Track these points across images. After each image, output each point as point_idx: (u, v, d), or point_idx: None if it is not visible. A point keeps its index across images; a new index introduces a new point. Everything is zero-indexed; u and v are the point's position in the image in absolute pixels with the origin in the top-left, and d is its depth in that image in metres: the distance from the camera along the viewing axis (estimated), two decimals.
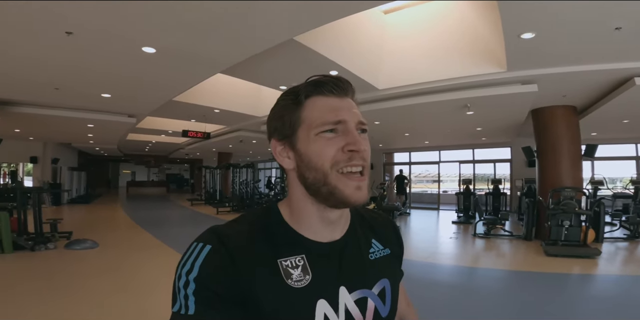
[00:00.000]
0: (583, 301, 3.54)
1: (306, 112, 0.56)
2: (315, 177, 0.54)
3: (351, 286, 0.58)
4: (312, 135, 0.55)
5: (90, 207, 13.60)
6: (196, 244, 0.54)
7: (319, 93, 0.56)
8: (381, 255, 0.66)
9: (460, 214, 10.12)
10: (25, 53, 4.14)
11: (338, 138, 0.54)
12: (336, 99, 0.56)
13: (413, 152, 14.47)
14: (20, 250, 5.23)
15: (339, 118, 0.54)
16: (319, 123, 0.54)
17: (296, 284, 0.54)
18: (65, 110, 7.41)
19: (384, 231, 0.71)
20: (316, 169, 0.54)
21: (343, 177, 0.53)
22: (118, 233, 7.53)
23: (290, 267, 0.55)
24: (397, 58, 5.99)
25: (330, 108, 0.55)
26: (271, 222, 0.59)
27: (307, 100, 0.56)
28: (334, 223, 0.60)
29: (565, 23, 3.51)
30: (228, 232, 0.55)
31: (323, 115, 0.55)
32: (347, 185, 0.53)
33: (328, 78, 0.57)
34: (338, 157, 0.53)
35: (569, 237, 5.75)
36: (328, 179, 0.53)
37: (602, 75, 4.94)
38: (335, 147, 0.54)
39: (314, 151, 0.54)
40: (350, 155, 0.53)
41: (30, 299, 3.39)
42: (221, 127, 11.50)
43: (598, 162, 10.27)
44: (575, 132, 6.74)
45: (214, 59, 4.49)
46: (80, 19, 3.26)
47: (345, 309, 0.56)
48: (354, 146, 0.53)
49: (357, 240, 0.64)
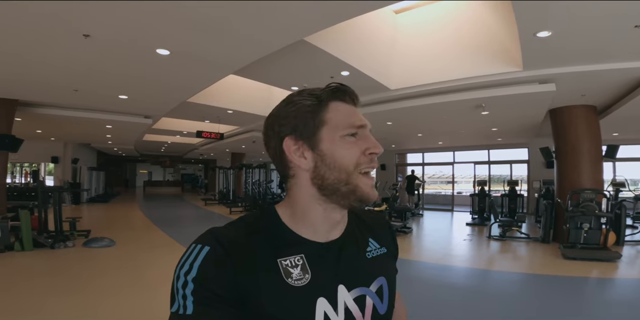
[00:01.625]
0: (603, 306, 3.42)
1: (330, 114, 0.58)
2: (338, 177, 0.57)
3: (350, 284, 0.59)
4: (337, 137, 0.57)
5: (108, 206, 13.95)
6: (194, 245, 0.55)
7: (339, 99, 0.60)
8: (378, 254, 0.68)
9: (475, 216, 9.94)
10: (44, 56, 4.29)
11: (360, 141, 0.58)
12: (353, 107, 0.61)
13: (426, 153, 14.31)
14: (40, 247, 5.40)
15: (362, 123, 0.59)
16: (345, 125, 0.58)
17: (296, 282, 0.55)
18: (84, 112, 7.64)
19: (380, 230, 0.73)
20: (340, 170, 0.57)
21: (362, 177, 0.57)
22: (134, 231, 7.70)
23: (289, 266, 0.56)
24: (409, 58, 5.93)
25: (352, 113, 0.60)
26: (269, 223, 0.60)
27: (330, 104, 0.59)
28: (337, 222, 0.62)
29: (582, 21, 3.41)
30: (226, 233, 0.56)
31: (348, 119, 0.58)
32: (366, 184, 0.58)
33: (344, 87, 0.61)
34: (361, 159, 0.57)
35: (588, 240, 5.58)
36: (351, 179, 0.57)
37: (622, 74, 4.78)
38: (359, 150, 0.58)
39: (339, 153, 0.57)
40: (371, 157, 0.58)
41: (48, 294, 3.51)
42: (234, 127, 11.64)
43: (620, 163, 9.93)
44: (595, 133, 6.54)
45: (226, 60, 4.55)
46: (96, 21, 3.36)
47: (345, 307, 0.57)
48: (376, 149, 0.58)
49: (355, 239, 0.65)
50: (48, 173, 14.71)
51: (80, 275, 4.19)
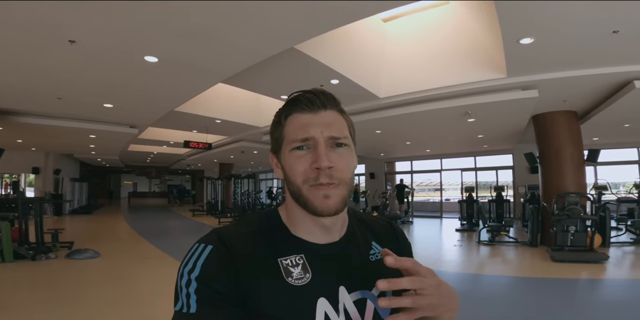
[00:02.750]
0: (593, 307, 3.47)
1: (286, 130, 0.59)
2: (292, 189, 0.58)
3: (350, 286, 0.59)
4: (287, 152, 0.58)
5: (92, 217, 13.55)
6: (198, 244, 0.55)
7: (295, 111, 0.59)
8: (381, 257, 0.66)
9: (464, 222, 10.04)
10: (27, 62, 4.19)
11: (308, 155, 0.56)
12: (309, 115, 0.58)
13: (415, 161, 14.47)
14: (21, 259, 5.19)
15: (306, 135, 0.56)
16: (290, 140, 0.57)
17: (297, 282, 0.55)
18: (68, 121, 7.47)
19: (383, 234, 0.72)
20: (291, 183, 0.57)
21: (313, 189, 0.55)
22: (119, 243, 7.47)
23: (290, 265, 0.56)
24: (397, 66, 6.04)
25: (300, 125, 0.57)
26: (271, 225, 0.61)
27: (286, 119, 0.59)
28: (329, 228, 0.61)
29: (563, 27, 3.55)
30: (229, 233, 0.58)
31: (294, 133, 0.57)
32: (316, 196, 0.55)
33: (304, 94, 0.59)
34: (308, 174, 0.55)
35: (575, 243, 5.68)
36: (302, 192, 0.56)
37: (602, 79, 4.97)
38: (304, 165, 0.56)
39: (288, 167, 0.58)
40: (317, 172, 0.55)
41: (30, 307, 3.34)
42: (222, 137, 11.55)
43: (601, 167, 10.24)
44: (577, 137, 6.74)
45: (215, 68, 4.54)
46: (83, 26, 3.30)
47: (344, 309, 0.57)
48: (316, 163, 0.54)
49: (357, 242, 0.65)
50: (29, 184, 14.25)
51: (65, 288, 4.02)
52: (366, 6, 3.10)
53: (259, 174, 22.56)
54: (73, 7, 2.93)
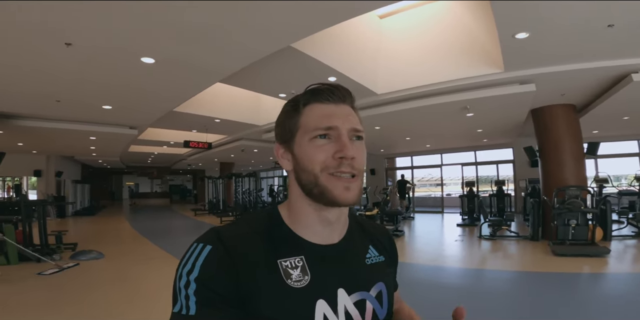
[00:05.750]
0: (595, 300, 3.48)
1: (303, 118, 0.58)
2: (308, 178, 0.57)
3: (350, 288, 0.59)
4: (306, 140, 0.57)
5: (95, 219, 13.60)
6: (197, 244, 0.55)
7: (316, 100, 0.59)
8: (376, 261, 0.68)
9: (465, 217, 10.06)
10: (25, 65, 4.19)
11: (329, 145, 0.56)
12: (332, 106, 0.59)
13: (415, 156, 14.46)
14: (26, 261, 5.23)
15: (330, 124, 0.56)
16: (312, 128, 0.57)
17: (296, 284, 0.55)
18: (67, 123, 7.49)
19: (380, 240, 0.73)
20: (307, 172, 0.56)
21: (332, 178, 0.55)
22: (123, 244, 7.51)
23: (289, 267, 0.56)
24: (394, 62, 6.03)
25: (323, 114, 0.57)
26: (271, 223, 0.60)
27: (305, 108, 0.59)
28: (332, 224, 0.61)
29: (557, 21, 3.54)
30: (228, 233, 0.57)
31: (316, 121, 0.57)
32: (336, 186, 0.55)
33: (326, 86, 0.60)
34: (328, 163, 0.55)
35: (577, 236, 5.69)
36: (319, 181, 0.55)
37: (599, 73, 4.96)
38: (325, 154, 0.56)
39: (307, 155, 0.57)
40: (340, 161, 0.55)
41: (35, 309, 3.38)
42: (222, 136, 11.56)
43: (601, 159, 10.22)
44: (576, 131, 6.73)
45: (212, 68, 4.54)
46: (78, 29, 3.30)
47: (345, 310, 0.57)
48: (342, 153, 0.55)
49: (355, 244, 0.66)
50: (31, 187, 14.31)
51: (67, 289, 4.06)
52: (363, 3, 3.09)
53: (260, 172, 22.59)
54: (69, 8, 2.92)
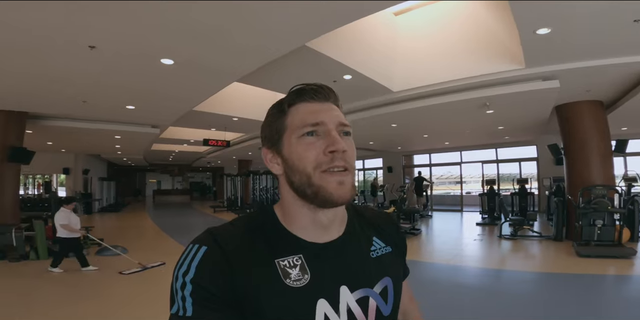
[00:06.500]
0: (621, 304, 3.36)
1: (290, 118, 0.58)
2: (300, 179, 0.56)
3: (352, 285, 0.58)
4: (294, 139, 0.56)
5: (120, 215, 14.12)
6: (192, 245, 0.54)
7: (301, 100, 0.59)
8: (383, 253, 0.66)
9: (485, 215, 9.84)
10: (52, 68, 4.38)
11: (319, 142, 0.55)
12: (317, 104, 0.58)
13: (433, 154, 14.23)
14: None
15: (318, 120, 0.56)
16: (299, 125, 0.56)
17: (295, 283, 0.54)
18: (93, 123, 7.78)
19: (385, 229, 0.71)
20: (300, 172, 0.55)
21: (325, 175, 0.54)
22: (146, 240, 7.79)
23: (288, 266, 0.55)
24: (410, 59, 5.95)
25: (310, 111, 0.57)
26: (266, 223, 0.60)
27: (290, 108, 0.59)
28: (327, 226, 0.60)
29: (581, 17, 3.41)
30: (224, 233, 0.56)
31: (303, 119, 0.57)
32: (330, 182, 0.54)
33: (309, 86, 0.60)
34: (320, 159, 0.54)
35: (602, 237, 5.49)
36: (312, 180, 0.54)
37: (626, 68, 4.74)
38: (316, 151, 0.55)
39: (296, 155, 0.56)
40: (332, 156, 0.54)
41: (62, 300, 3.57)
42: (240, 135, 11.73)
43: (631, 157, 9.76)
44: (603, 128, 6.46)
45: (230, 68, 4.62)
46: (101, 32, 3.42)
47: (348, 308, 0.56)
48: (333, 146, 0.54)
49: (357, 239, 0.64)
50: (60, 184, 14.97)
51: (93, 282, 4.26)
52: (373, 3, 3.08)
53: None
54: (92, 11, 3.03)
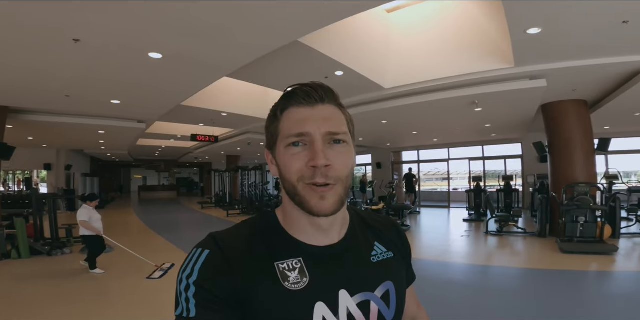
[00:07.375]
0: (602, 299, 3.47)
1: (282, 125, 0.57)
2: (288, 187, 0.56)
3: (352, 289, 0.58)
4: (282, 148, 0.56)
5: (104, 211, 13.80)
6: (196, 249, 0.56)
7: (291, 105, 0.57)
8: (384, 258, 0.66)
9: (472, 212, 10.02)
10: (34, 61, 4.22)
11: (304, 153, 0.54)
12: (308, 109, 0.56)
13: (422, 150, 14.38)
14: (37, 255, 5.34)
15: (302, 130, 0.54)
16: (285, 135, 0.56)
17: (293, 286, 0.55)
18: (77, 117, 7.56)
19: (386, 234, 0.70)
20: (287, 181, 0.56)
21: (307, 188, 0.54)
22: (132, 237, 7.63)
23: (287, 269, 0.56)
24: (402, 57, 5.96)
25: (297, 120, 0.55)
26: (268, 226, 0.61)
27: (282, 114, 0.58)
28: (326, 229, 0.60)
29: (571, 18, 3.46)
30: (226, 237, 0.58)
31: (289, 128, 0.55)
32: (312, 197, 0.54)
33: (301, 88, 0.58)
34: (303, 172, 0.54)
35: (585, 234, 5.64)
36: (297, 190, 0.54)
37: (612, 69, 4.85)
38: (300, 162, 0.54)
39: (283, 164, 0.56)
40: (314, 171, 0.53)
41: (46, 301, 3.46)
42: (229, 130, 11.59)
43: (612, 156, 10.06)
44: (587, 126, 6.62)
45: (219, 63, 4.53)
46: (86, 25, 3.30)
47: (348, 312, 0.56)
48: (313, 162, 0.53)
49: (358, 243, 0.64)
50: (41, 180, 14.55)
51: (78, 282, 4.15)
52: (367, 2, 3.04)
53: (266, 165, 22.64)
54: (77, 5, 2.92)
